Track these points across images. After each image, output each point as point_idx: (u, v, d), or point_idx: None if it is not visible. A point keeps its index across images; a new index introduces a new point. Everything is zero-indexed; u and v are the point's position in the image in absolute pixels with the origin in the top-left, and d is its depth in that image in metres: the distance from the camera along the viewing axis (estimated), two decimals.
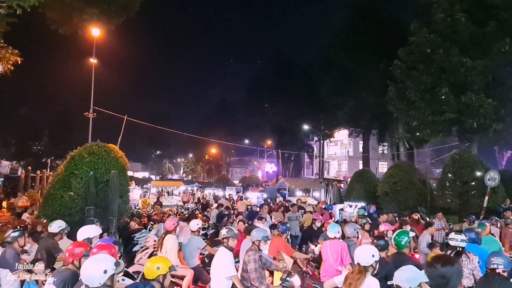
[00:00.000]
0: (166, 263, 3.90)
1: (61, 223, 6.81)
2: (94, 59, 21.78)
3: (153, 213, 15.44)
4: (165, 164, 76.68)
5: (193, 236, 7.56)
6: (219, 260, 5.47)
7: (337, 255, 6.02)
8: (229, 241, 5.54)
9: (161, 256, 4.11)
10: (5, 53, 17.80)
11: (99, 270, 3.27)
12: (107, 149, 12.13)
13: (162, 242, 7.00)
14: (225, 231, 5.64)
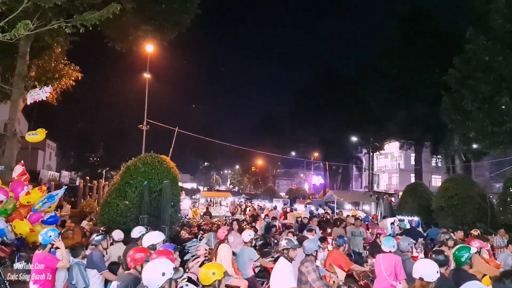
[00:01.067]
0: (220, 269, 3.96)
1: (141, 229, 7.12)
2: (148, 74, 22.71)
3: (203, 223, 15.71)
4: (213, 176, 77.98)
5: (246, 247, 7.56)
6: (280, 271, 5.44)
7: (390, 269, 5.80)
8: (289, 252, 5.51)
9: (215, 263, 4.16)
10: (68, 69, 19.05)
11: (157, 273, 3.39)
12: (160, 159, 12.54)
13: (217, 251, 7.07)
14: (284, 242, 5.62)
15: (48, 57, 18.48)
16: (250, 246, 7.65)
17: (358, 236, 11.21)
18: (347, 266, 6.98)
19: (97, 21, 11.20)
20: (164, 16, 17.85)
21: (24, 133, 17.51)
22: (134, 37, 18.75)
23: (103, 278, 6.04)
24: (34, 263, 5.50)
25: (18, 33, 9.31)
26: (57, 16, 13.04)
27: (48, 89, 10.18)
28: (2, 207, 7.86)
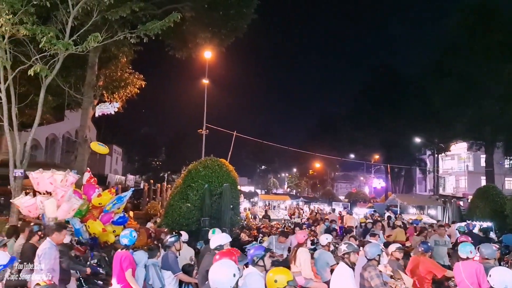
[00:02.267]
0: (286, 276, 3.86)
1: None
2: (206, 79, 23.29)
3: (262, 226, 15.78)
4: (270, 179, 78.22)
5: (323, 250, 7.45)
6: (340, 276, 5.28)
7: (473, 277, 5.40)
8: (350, 257, 5.34)
9: (282, 268, 4.09)
10: (132, 78, 20.02)
11: (229, 274, 3.36)
12: (219, 163, 12.75)
13: (295, 255, 7.04)
14: (344, 246, 5.45)
15: (115, 66, 19.55)
16: (327, 250, 7.50)
17: (442, 246, 9.83)
18: (441, 273, 6.65)
19: (159, 31, 11.67)
20: (222, 22, 18.19)
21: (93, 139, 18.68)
22: (193, 44, 19.29)
23: (177, 279, 6.20)
24: (115, 262, 5.77)
25: (89, 45, 9.94)
26: (122, 28, 13.78)
27: (116, 104, 10.92)
28: (77, 209, 8.41)
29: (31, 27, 9.37)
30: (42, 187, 8.42)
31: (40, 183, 8.39)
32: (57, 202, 8.08)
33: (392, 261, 6.83)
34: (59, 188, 8.22)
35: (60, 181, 8.38)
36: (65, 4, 10.58)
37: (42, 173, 8.47)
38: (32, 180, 8.58)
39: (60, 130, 36.71)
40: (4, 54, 9.75)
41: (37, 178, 8.42)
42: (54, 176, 8.40)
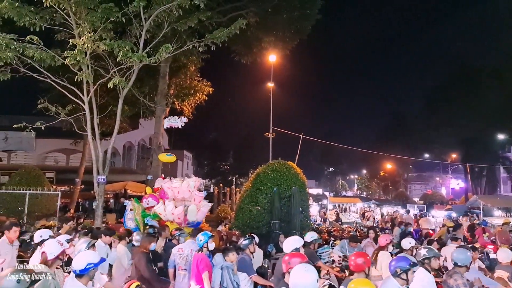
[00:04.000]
0: (369, 287, 3.70)
1: (314, 234, 7.50)
2: (272, 83, 23.43)
3: (333, 229, 15.48)
4: (338, 181, 76.73)
5: (405, 255, 7.16)
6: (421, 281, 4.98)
7: None
8: (430, 262, 5.03)
9: (364, 280, 3.92)
10: (200, 85, 20.76)
11: (312, 278, 3.32)
12: (288, 166, 12.73)
13: (376, 258, 6.87)
14: (424, 251, 5.15)
15: (184, 75, 20.41)
16: (410, 254, 7.19)
17: None
18: None
19: (226, 38, 11.97)
20: (286, 25, 18.25)
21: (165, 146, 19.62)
22: (257, 49, 19.55)
23: (252, 281, 6.27)
24: (193, 264, 5.97)
25: (161, 56, 10.44)
26: (190, 38, 14.32)
27: (184, 119, 11.50)
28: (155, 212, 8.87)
29: (109, 43, 10.05)
30: (181, 195, 9.35)
31: (180, 191, 9.33)
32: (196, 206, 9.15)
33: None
34: (196, 194, 9.33)
35: (194, 186, 9.34)
36: (138, 18, 11.22)
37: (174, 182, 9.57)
38: (169, 189, 9.47)
39: (135, 137, 38.92)
40: (86, 69, 10.55)
41: (177, 188, 9.38)
42: (189, 183, 9.40)
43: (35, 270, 3.46)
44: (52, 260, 4.29)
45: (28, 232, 11.18)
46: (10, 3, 9.50)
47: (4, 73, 10.68)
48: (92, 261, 4.12)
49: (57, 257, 4.30)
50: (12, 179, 16.74)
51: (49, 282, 3.98)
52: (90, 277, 4.14)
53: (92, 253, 4.38)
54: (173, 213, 9.09)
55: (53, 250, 4.29)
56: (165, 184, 9.71)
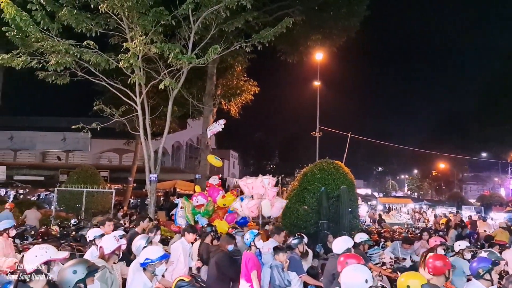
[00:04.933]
0: (420, 280, 3.63)
1: (363, 235, 7.45)
2: (318, 81, 23.18)
3: (383, 230, 15.05)
4: (388, 181, 74.48)
5: (459, 258, 6.87)
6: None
7: None
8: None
9: (414, 273, 3.85)
10: (247, 85, 20.92)
11: (361, 279, 3.31)
12: (335, 165, 12.50)
13: (425, 260, 6.63)
14: (485, 254, 4.89)
15: (231, 75, 20.66)
16: (460, 257, 6.90)
17: None
18: None
19: (272, 37, 11.99)
20: (333, 22, 17.96)
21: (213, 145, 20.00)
22: (304, 47, 19.39)
23: (302, 281, 6.24)
24: (242, 262, 6.02)
25: (210, 57, 10.64)
26: (236, 38, 14.46)
27: (222, 121, 11.57)
28: (205, 209, 9.08)
29: (160, 45, 10.37)
30: (255, 190, 9.77)
31: (254, 187, 9.77)
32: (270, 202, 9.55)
33: None
34: (270, 190, 9.73)
35: (268, 183, 9.76)
36: (187, 21, 11.50)
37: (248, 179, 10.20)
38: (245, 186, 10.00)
39: (183, 137, 39.95)
40: (139, 71, 10.95)
41: (252, 183, 9.91)
42: (263, 180, 9.82)
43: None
44: (109, 254, 4.46)
45: (86, 228, 11.82)
46: (69, 10, 10.05)
47: (63, 77, 11.31)
48: (150, 256, 4.29)
49: (113, 252, 4.48)
50: (70, 178, 17.70)
51: (106, 275, 4.17)
52: (150, 271, 4.31)
53: (153, 249, 4.55)
54: (248, 207, 9.43)
55: (109, 246, 4.48)
56: (241, 181, 10.28)
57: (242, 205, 9.61)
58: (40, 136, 36.39)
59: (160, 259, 4.35)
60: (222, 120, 11.65)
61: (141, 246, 5.03)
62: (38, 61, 10.57)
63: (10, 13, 9.45)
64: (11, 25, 9.95)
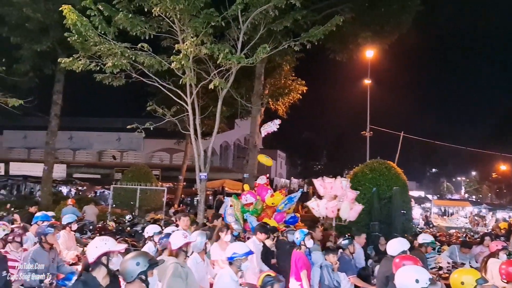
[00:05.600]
0: (473, 275, 3.56)
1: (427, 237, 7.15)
2: (369, 79, 22.60)
3: (438, 234, 14.39)
4: (443, 183, 71.19)
5: None
6: None
7: None
8: None
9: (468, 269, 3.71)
10: (295, 84, 20.83)
11: (411, 279, 3.30)
12: (387, 166, 12.21)
13: (486, 265, 6.30)
14: None
15: (279, 75, 20.67)
16: None
17: None
18: None
19: (322, 36, 11.84)
20: (384, 19, 17.45)
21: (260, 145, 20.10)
22: (354, 45, 19.00)
23: (352, 282, 6.13)
24: (292, 262, 6.01)
25: (259, 57, 10.68)
26: (285, 37, 14.41)
27: (277, 121, 11.53)
28: (254, 208, 9.16)
29: (210, 46, 10.56)
30: (333, 191, 9.76)
31: (333, 187, 9.75)
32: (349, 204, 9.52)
33: None
34: (349, 192, 9.64)
35: (346, 185, 9.74)
36: (236, 21, 11.62)
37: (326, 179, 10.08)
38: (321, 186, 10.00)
39: (231, 137, 40.48)
40: (189, 72, 11.20)
41: (331, 183, 9.84)
42: (342, 181, 9.81)
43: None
44: (176, 250, 4.59)
45: (140, 224, 12.29)
46: (125, 15, 10.47)
47: (119, 79, 11.81)
48: (237, 251, 4.46)
49: (180, 248, 4.59)
50: (125, 176, 18.50)
51: (179, 270, 4.32)
52: (236, 266, 4.46)
53: (240, 244, 4.71)
54: (326, 208, 9.48)
55: (176, 242, 4.60)
56: (317, 181, 10.19)
57: (319, 205, 9.69)
58: (97, 136, 38.37)
59: (246, 254, 4.50)
60: (278, 120, 11.63)
61: (202, 243, 5.13)
62: (96, 64, 11.11)
63: (72, 19, 10.00)
64: (72, 30, 10.53)
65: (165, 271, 4.27)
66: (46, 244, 5.55)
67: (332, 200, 9.62)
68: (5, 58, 15.88)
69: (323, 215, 9.82)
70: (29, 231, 6.60)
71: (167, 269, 4.27)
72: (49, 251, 5.57)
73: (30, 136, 38.17)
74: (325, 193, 9.91)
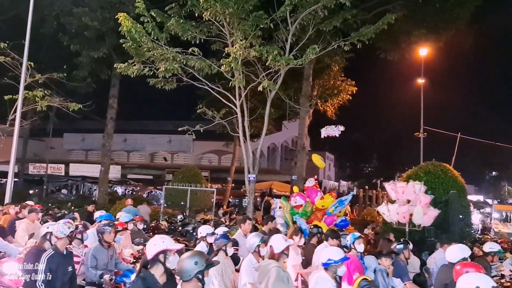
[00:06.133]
0: None
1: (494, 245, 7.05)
2: (422, 79, 21.75)
3: (500, 240, 13.53)
4: (504, 187, 66.82)
5: None
6: None
7: None
8: None
9: None
10: (344, 85, 20.47)
11: (471, 285, 3.17)
12: (443, 168, 11.70)
13: None
14: None
15: (327, 76, 20.38)
16: None
17: None
18: None
19: (373, 35, 11.55)
20: (438, 15, 16.68)
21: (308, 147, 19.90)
22: (406, 43, 18.35)
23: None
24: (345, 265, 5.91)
25: (308, 58, 10.61)
26: (334, 37, 14.20)
27: (341, 128, 11.34)
28: (303, 210, 9.08)
29: (259, 48, 10.62)
30: (406, 196, 9.68)
31: (405, 192, 9.66)
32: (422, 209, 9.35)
33: None
34: (423, 196, 9.49)
35: (419, 189, 9.59)
36: (284, 23, 11.61)
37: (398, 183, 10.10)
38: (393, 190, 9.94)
39: (279, 139, 40.42)
40: (238, 75, 11.33)
41: (402, 188, 9.76)
42: (415, 185, 9.66)
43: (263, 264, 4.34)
44: (278, 254, 4.66)
45: (191, 224, 12.58)
46: (177, 20, 10.80)
47: (171, 83, 12.17)
48: (333, 257, 4.43)
49: (282, 252, 4.67)
50: (176, 177, 19.01)
51: (281, 274, 4.43)
52: (332, 272, 4.44)
53: (335, 250, 4.70)
54: (398, 213, 9.32)
55: (278, 245, 4.68)
56: (388, 185, 10.11)
57: (390, 210, 9.54)
58: (149, 138, 39.71)
59: (342, 260, 4.46)
60: (342, 127, 11.48)
61: (255, 244, 5.16)
62: (149, 68, 11.53)
63: (127, 26, 10.46)
64: (127, 37, 11.00)
65: (266, 274, 4.42)
66: (105, 242, 5.81)
67: (404, 205, 9.32)
68: (66, 65, 16.90)
69: (395, 220, 9.60)
70: (89, 228, 6.93)
71: (269, 272, 4.42)
72: (107, 248, 5.83)
73: (88, 139, 40.16)
74: (396, 197, 9.71)
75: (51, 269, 4.69)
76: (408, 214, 9.25)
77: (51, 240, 5.21)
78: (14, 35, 15.42)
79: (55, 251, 4.89)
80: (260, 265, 4.84)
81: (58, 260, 4.82)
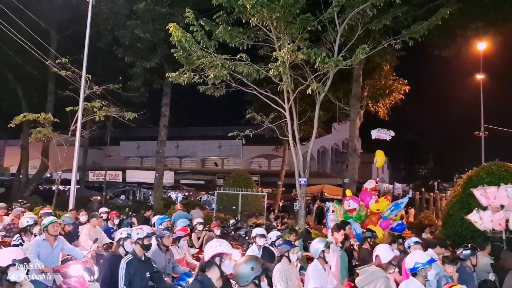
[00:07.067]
0: None
1: None
2: (481, 74, 20.57)
3: None
4: None
5: None
6: None
7: None
8: None
9: None
10: (396, 84, 19.81)
11: None
12: (508, 168, 10.93)
13: None
14: None
15: (378, 75, 19.82)
16: None
17: None
18: None
19: (426, 31, 11.10)
20: (497, 7, 15.71)
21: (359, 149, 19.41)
22: (462, 38, 17.46)
23: None
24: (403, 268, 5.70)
25: (357, 58, 10.38)
26: (383, 36, 13.79)
27: (392, 133, 10.99)
28: (357, 214, 8.85)
29: (306, 51, 10.54)
30: (498, 201, 9.33)
31: (497, 197, 9.33)
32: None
33: None
34: None
35: None
36: (332, 24, 11.45)
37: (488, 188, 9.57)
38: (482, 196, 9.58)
39: (328, 142, 39.86)
40: (286, 78, 11.30)
41: (493, 192, 9.40)
42: (508, 189, 9.27)
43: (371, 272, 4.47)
44: (386, 264, 4.68)
45: (243, 228, 12.66)
46: (224, 28, 10.99)
47: (220, 89, 12.38)
48: (420, 260, 4.30)
49: (389, 262, 4.68)
50: (227, 182, 19.24)
51: (386, 283, 4.48)
52: (422, 276, 4.30)
53: (420, 253, 4.63)
54: (492, 220, 8.94)
55: (386, 255, 4.68)
56: (476, 190, 9.60)
57: (482, 217, 9.04)
58: (200, 144, 40.66)
59: (430, 262, 4.32)
60: (393, 132, 11.17)
61: (319, 250, 5.09)
62: (199, 76, 11.80)
63: (177, 36, 10.78)
64: (177, 46, 11.34)
65: (373, 281, 4.52)
66: (163, 246, 5.97)
67: (498, 211, 8.81)
68: (121, 76, 17.71)
69: (489, 228, 9.02)
70: None
71: (376, 280, 4.50)
72: (165, 252, 5.99)
73: (142, 146, 41.84)
74: (488, 203, 9.22)
75: (130, 274, 4.84)
76: (504, 221, 8.68)
77: (124, 245, 5.38)
78: (73, 50, 16.46)
79: (134, 257, 5.04)
80: (366, 269, 4.80)
81: (136, 265, 4.95)
